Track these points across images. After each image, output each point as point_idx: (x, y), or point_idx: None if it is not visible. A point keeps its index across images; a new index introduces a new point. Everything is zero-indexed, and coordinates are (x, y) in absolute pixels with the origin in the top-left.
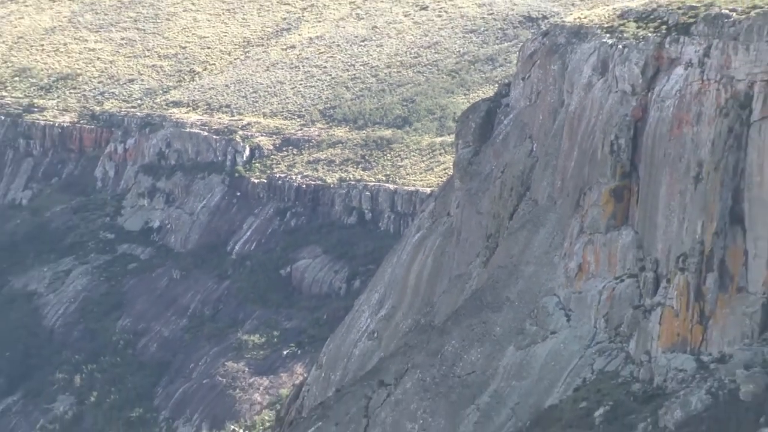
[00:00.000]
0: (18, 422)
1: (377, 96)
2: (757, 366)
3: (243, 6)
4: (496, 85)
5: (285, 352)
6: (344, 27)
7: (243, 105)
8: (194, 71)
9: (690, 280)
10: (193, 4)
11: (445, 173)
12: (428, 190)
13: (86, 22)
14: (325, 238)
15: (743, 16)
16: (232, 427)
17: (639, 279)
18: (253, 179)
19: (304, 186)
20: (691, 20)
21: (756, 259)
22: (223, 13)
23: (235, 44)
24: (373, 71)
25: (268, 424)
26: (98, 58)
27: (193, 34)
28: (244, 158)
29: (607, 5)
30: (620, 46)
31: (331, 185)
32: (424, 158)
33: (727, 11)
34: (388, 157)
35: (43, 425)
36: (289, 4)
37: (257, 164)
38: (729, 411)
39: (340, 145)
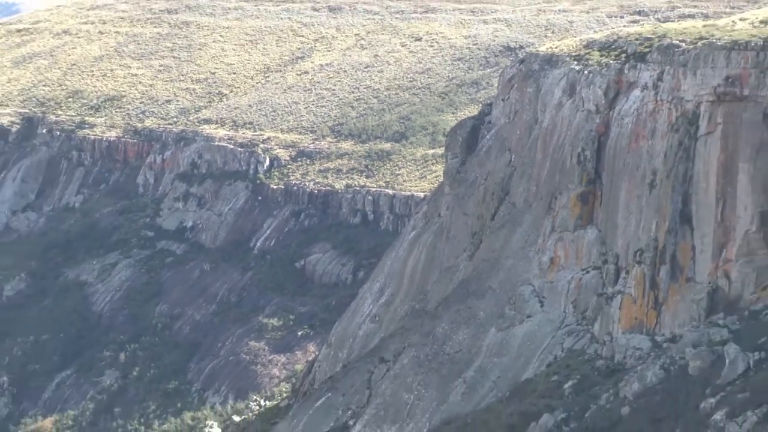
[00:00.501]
0: (71, 393)
1: (378, 114)
2: (703, 345)
3: (264, 37)
4: (480, 105)
5: (299, 333)
6: (350, 55)
7: (263, 122)
8: (222, 93)
9: (646, 272)
10: (221, 36)
11: (437, 180)
12: (422, 195)
13: (129, 51)
14: (334, 236)
15: (691, 46)
16: (255, 397)
17: (602, 271)
18: (272, 185)
19: (315, 191)
20: (647, 50)
21: (702, 253)
22: (246, 44)
23: (257, 70)
24: (375, 93)
25: (284, 395)
26: (140, 82)
27: (221, 61)
28: (265, 167)
29: (575, 37)
30: (586, 72)
31: (339, 191)
32: (419, 168)
33: (677, 42)
34: (388, 167)
35: (92, 396)
36: (302, 36)
37: (276, 173)
38: (679, 384)
39: (347, 156)
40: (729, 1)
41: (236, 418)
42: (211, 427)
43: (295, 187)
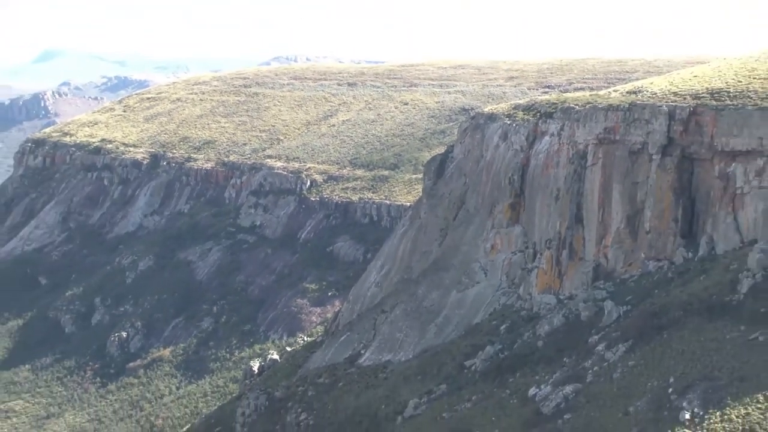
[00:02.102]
0: (181, 333)
1: (380, 152)
2: (590, 301)
3: (306, 102)
4: (446, 146)
5: (329, 294)
6: (362, 114)
7: (306, 157)
8: (279, 139)
9: (552, 254)
10: (278, 101)
11: (418, 195)
12: (408, 204)
13: (219, 111)
14: (351, 231)
15: (582, 108)
16: (300, 335)
17: (525, 253)
18: (311, 198)
19: (339, 202)
20: (553, 110)
21: (589, 242)
22: (294, 107)
23: (301, 123)
24: (378, 139)
25: (319, 334)
26: (226, 132)
27: (278, 118)
28: (306, 186)
29: (507, 102)
30: (514, 125)
31: (355, 201)
32: (406, 187)
33: (574, 105)
34: (386, 186)
35: (195, 334)
36: (331, 101)
37: (314, 190)
38: (574, 326)
39: (360, 179)
40: (606, 79)
41: (288, 349)
42: (271, 354)
43: (326, 199)
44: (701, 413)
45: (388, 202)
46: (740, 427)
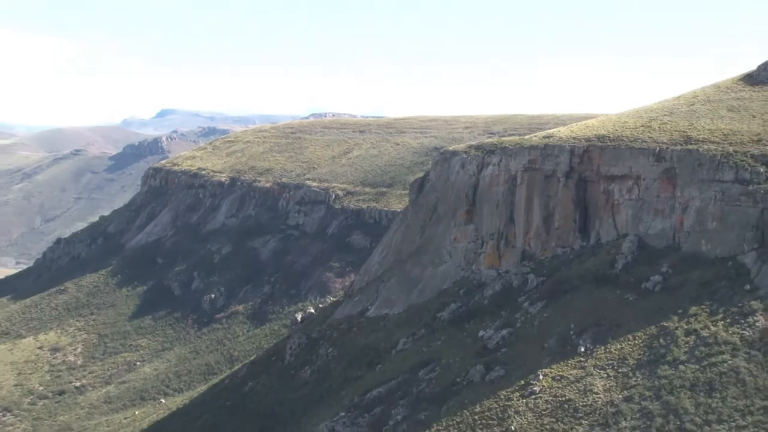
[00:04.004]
0: (249, 296)
1: (380, 176)
2: (519, 274)
3: (332, 143)
4: (424, 172)
5: (347, 269)
6: (369, 151)
7: (332, 179)
8: (314, 167)
9: (494, 243)
10: (313, 142)
11: (405, 204)
12: (399, 210)
13: (275, 149)
14: (362, 228)
15: (513, 147)
16: (329, 297)
17: (476, 243)
18: (336, 206)
19: (354, 209)
20: (495, 148)
21: (518, 235)
22: (325, 146)
23: (329, 158)
24: (379, 168)
25: (341, 296)
26: (278, 162)
27: (314, 153)
28: (332, 198)
29: (465, 143)
30: (469, 158)
31: (364, 208)
32: (398, 199)
33: (508, 145)
34: (385, 198)
35: (259, 296)
36: (348, 142)
37: (337, 201)
38: (508, 291)
39: (367, 194)
40: (529, 128)
41: (320, 306)
42: (309, 309)
43: (346, 207)
44: (591, 347)
45: (386, 209)
46: (616, 356)
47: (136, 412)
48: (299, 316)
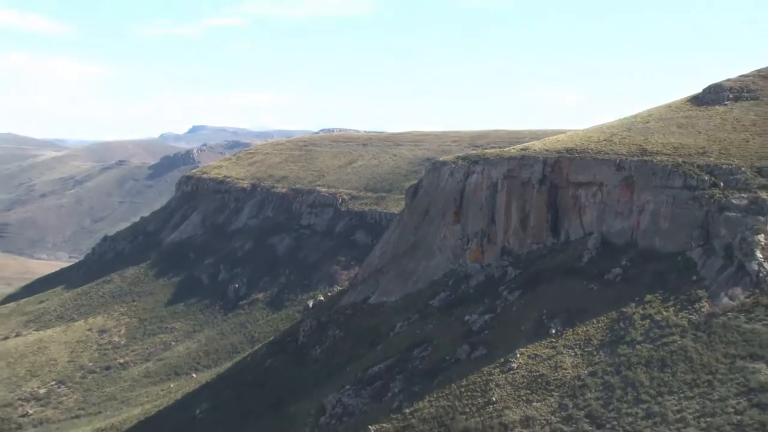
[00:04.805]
0: (269, 285)
1: (380, 183)
2: (499, 267)
3: (339, 155)
4: (418, 180)
5: (352, 263)
6: (371, 161)
7: (339, 185)
8: (324, 175)
9: (479, 241)
10: (323, 155)
11: (402, 207)
12: (397, 212)
13: (290, 160)
14: (365, 228)
15: (495, 158)
16: (336, 286)
17: (462, 240)
18: (342, 209)
19: (358, 211)
20: (479, 159)
21: (498, 233)
22: (333, 157)
23: (336, 166)
24: (380, 175)
25: (346, 286)
26: (294, 171)
27: (324, 164)
28: (339, 202)
29: (453, 155)
30: (457, 167)
31: (367, 210)
32: (396, 202)
33: (490, 156)
34: (384, 202)
35: (276, 285)
36: (352, 154)
37: (343, 204)
38: (490, 281)
39: (369, 198)
40: (509, 142)
41: (329, 294)
42: (320, 297)
43: (351, 209)
44: (561, 330)
45: (385, 211)
46: (582, 337)
47: (171, 385)
48: (311, 303)
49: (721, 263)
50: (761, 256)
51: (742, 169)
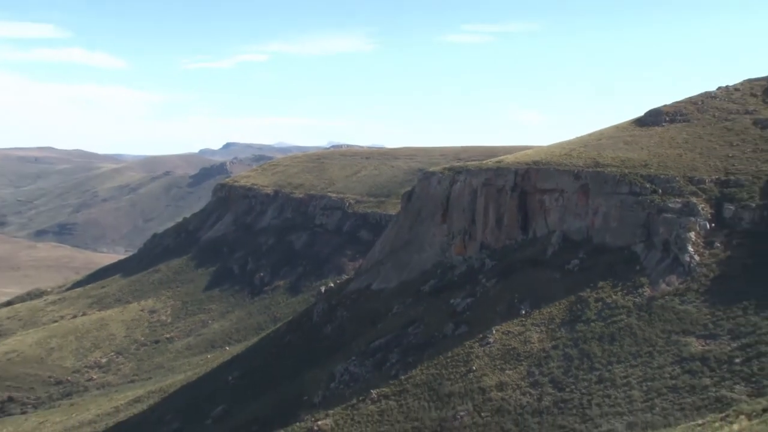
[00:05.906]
0: (287, 274)
1: (380, 190)
2: (479, 259)
3: (345, 166)
4: (412, 186)
5: (357, 256)
6: (372, 171)
7: (346, 191)
8: (334, 183)
9: (462, 237)
10: (333, 166)
11: (398, 209)
12: (394, 214)
13: (306, 171)
14: (369, 227)
15: (475, 169)
16: (344, 275)
17: (448, 237)
18: (349, 211)
19: (362, 212)
20: (461, 170)
21: (478, 232)
22: (342, 168)
23: (344, 176)
24: (380, 183)
25: (352, 275)
26: (308, 180)
27: (333, 173)
28: (347, 205)
29: (441, 166)
30: (444, 176)
31: (369, 212)
32: (394, 206)
33: (471, 168)
34: (384, 205)
35: (294, 274)
36: (357, 166)
37: (350, 207)
38: (472, 272)
39: (371, 202)
40: (487, 156)
41: (338, 281)
42: (330, 284)
43: (356, 211)
44: (529, 311)
45: (385, 213)
46: (547, 317)
47: (208, 356)
48: (323, 289)
49: (659, 256)
50: (692, 249)
51: (677, 178)
